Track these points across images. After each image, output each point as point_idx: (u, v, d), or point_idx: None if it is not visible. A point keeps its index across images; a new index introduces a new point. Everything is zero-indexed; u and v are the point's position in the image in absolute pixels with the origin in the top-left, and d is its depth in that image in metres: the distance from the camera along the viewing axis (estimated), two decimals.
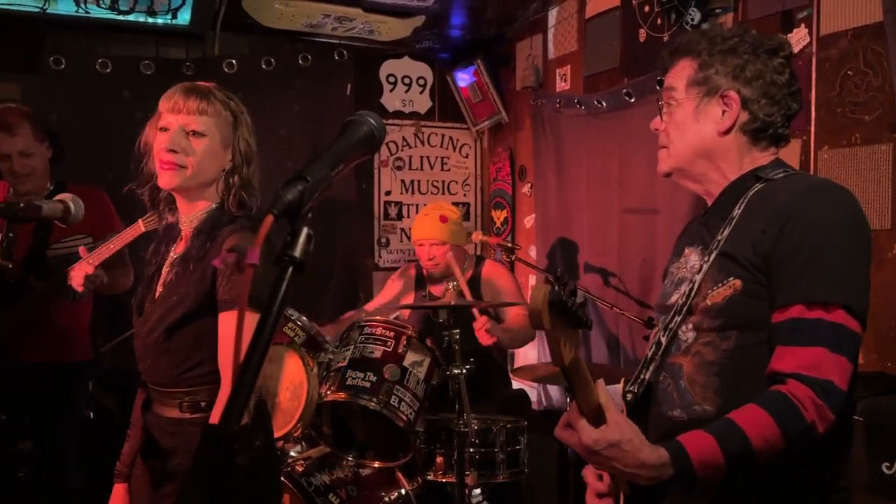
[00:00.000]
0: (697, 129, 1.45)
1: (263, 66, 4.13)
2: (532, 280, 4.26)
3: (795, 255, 1.27)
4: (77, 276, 2.45)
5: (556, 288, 1.04)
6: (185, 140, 1.69)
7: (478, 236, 3.63)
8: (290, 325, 2.75)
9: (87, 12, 3.59)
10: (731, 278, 1.33)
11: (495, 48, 4.49)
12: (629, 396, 1.44)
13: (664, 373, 1.43)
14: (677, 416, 1.38)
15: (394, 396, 2.61)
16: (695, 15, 3.00)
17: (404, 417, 2.60)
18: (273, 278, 1.34)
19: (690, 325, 1.39)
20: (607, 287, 3.54)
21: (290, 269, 0.81)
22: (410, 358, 2.71)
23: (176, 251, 1.80)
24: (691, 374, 1.38)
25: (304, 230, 0.83)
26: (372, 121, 1.01)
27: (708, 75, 1.43)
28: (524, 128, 4.36)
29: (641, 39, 3.34)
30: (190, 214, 1.76)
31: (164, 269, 1.79)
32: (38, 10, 3.53)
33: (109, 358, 3.39)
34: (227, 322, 1.64)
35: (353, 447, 2.83)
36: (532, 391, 3.92)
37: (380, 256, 4.61)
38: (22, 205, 1.52)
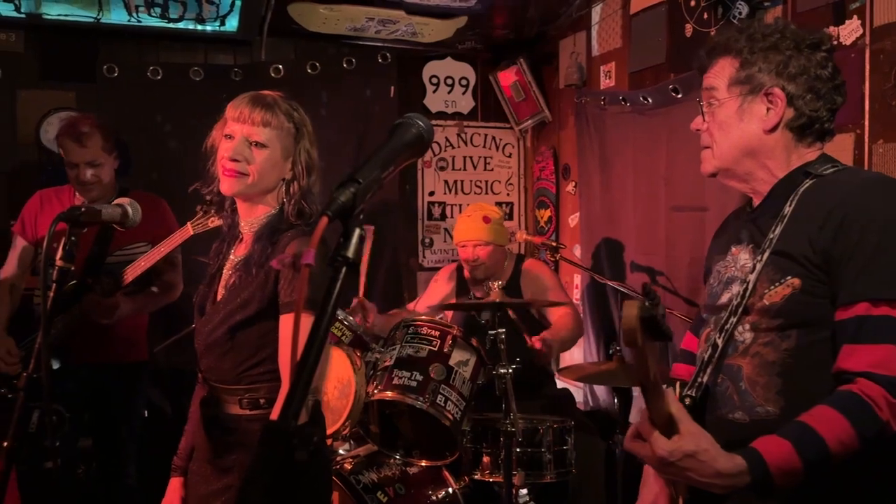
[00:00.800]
0: (742, 129, 1.43)
1: (309, 70, 4.20)
2: (577, 279, 4.24)
3: (856, 251, 1.25)
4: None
5: (647, 304, 1.04)
6: (247, 150, 1.74)
7: (522, 236, 3.62)
8: (337, 324, 2.79)
9: (138, 21, 3.69)
10: (789, 277, 1.31)
11: (538, 47, 4.48)
12: (687, 401, 1.42)
13: (722, 375, 1.40)
14: (739, 419, 1.36)
15: (440, 395, 2.62)
16: (742, 8, 2.95)
17: (450, 416, 2.62)
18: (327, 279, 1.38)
19: (747, 326, 1.37)
20: (654, 286, 3.50)
21: (344, 270, 0.83)
22: (456, 357, 2.72)
23: (236, 254, 1.86)
24: (752, 375, 1.36)
25: (357, 231, 0.84)
26: (420, 123, 1.03)
27: (751, 73, 1.42)
28: (568, 126, 4.34)
29: (688, 34, 3.29)
30: (250, 218, 1.82)
31: (225, 272, 1.85)
32: (92, 20, 3.65)
33: (163, 358, 3.49)
34: (288, 324, 1.69)
35: (400, 446, 2.86)
36: (577, 391, 3.89)
37: (424, 257, 4.64)
38: (83, 209, 1.58)
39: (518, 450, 2.73)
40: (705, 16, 3.18)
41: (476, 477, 2.82)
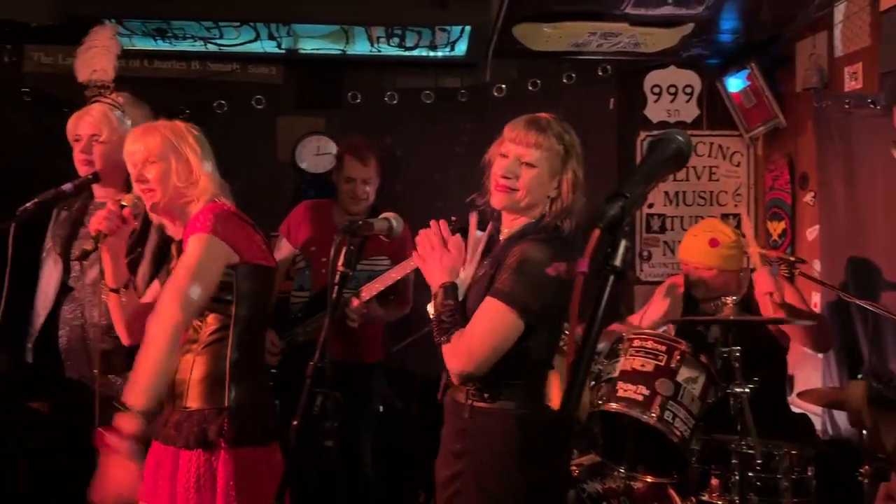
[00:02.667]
0: None
1: (530, 88, 4.34)
2: (816, 297, 3.93)
3: None
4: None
5: (875, 385, 1.00)
6: (518, 168, 1.89)
7: (755, 249, 3.44)
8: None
9: (378, 51, 4.04)
10: None
11: (771, 50, 4.24)
12: None
13: None
14: None
15: (667, 411, 2.57)
16: None
17: (679, 433, 2.56)
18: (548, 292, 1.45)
19: None
20: None
21: (612, 278, 0.89)
22: (684, 374, 2.65)
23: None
24: None
25: (623, 242, 0.90)
26: (680, 138, 1.06)
27: None
28: (805, 132, 4.05)
29: None
30: (509, 229, 1.96)
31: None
32: (339, 52, 4.06)
33: (395, 359, 3.76)
34: (487, 305, 1.82)
35: (623, 459, 2.84)
36: (816, 418, 3.61)
37: (641, 270, 4.55)
38: (360, 222, 1.82)
39: (750, 473, 2.61)
40: None
41: (704, 498, 2.73)
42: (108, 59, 2.68)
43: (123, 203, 2.11)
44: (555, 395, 2.72)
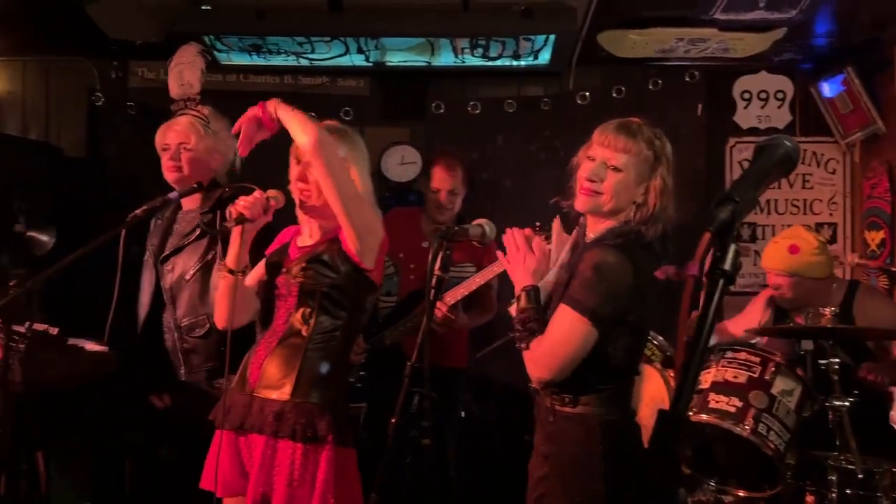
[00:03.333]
0: None
1: (614, 95, 4.30)
2: None
3: None
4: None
5: None
6: (604, 172, 1.88)
7: (853, 258, 3.32)
8: (647, 344, 2.82)
9: (463, 62, 4.10)
10: None
11: (869, 53, 4.07)
12: None
13: None
14: None
15: (762, 424, 2.52)
16: None
17: (773, 447, 2.50)
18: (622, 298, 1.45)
19: None
20: None
21: (721, 282, 0.89)
22: (779, 386, 2.60)
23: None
24: None
25: (733, 247, 0.90)
26: (788, 143, 1.06)
27: None
28: None
29: None
30: (595, 232, 1.95)
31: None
32: (425, 63, 4.13)
33: (478, 365, 3.79)
34: (560, 313, 1.82)
35: (714, 472, 2.78)
36: None
37: None
38: (456, 228, 1.86)
39: (849, 491, 2.51)
40: None
41: None
42: (195, 74, 2.83)
43: (269, 195, 2.18)
44: (646, 400, 2.71)
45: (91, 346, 2.86)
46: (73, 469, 3.26)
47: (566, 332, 1.80)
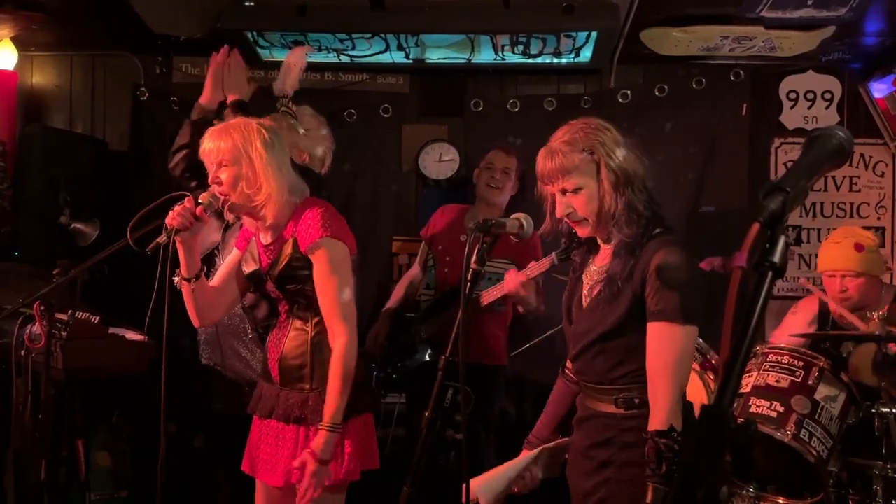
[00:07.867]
0: None
1: (657, 94, 4.23)
2: None
3: None
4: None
5: None
6: (568, 201, 1.88)
7: None
8: None
9: (503, 59, 4.07)
10: None
11: None
12: None
13: None
14: None
15: (804, 430, 2.46)
16: None
17: (815, 453, 2.44)
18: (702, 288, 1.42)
19: None
20: None
21: (770, 275, 0.86)
22: (823, 392, 2.53)
23: (595, 263, 1.97)
24: None
25: (782, 238, 0.87)
26: (841, 133, 1.03)
27: None
28: None
29: None
30: (612, 242, 1.92)
31: (585, 279, 1.98)
32: (464, 61, 4.11)
33: (516, 363, 3.75)
34: (655, 331, 1.77)
35: (753, 478, 2.72)
36: None
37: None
38: (493, 221, 1.84)
39: (894, 501, 2.44)
40: None
41: None
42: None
43: (200, 201, 2.18)
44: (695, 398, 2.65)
45: (132, 335, 2.91)
46: (112, 456, 3.33)
47: (672, 349, 1.75)
